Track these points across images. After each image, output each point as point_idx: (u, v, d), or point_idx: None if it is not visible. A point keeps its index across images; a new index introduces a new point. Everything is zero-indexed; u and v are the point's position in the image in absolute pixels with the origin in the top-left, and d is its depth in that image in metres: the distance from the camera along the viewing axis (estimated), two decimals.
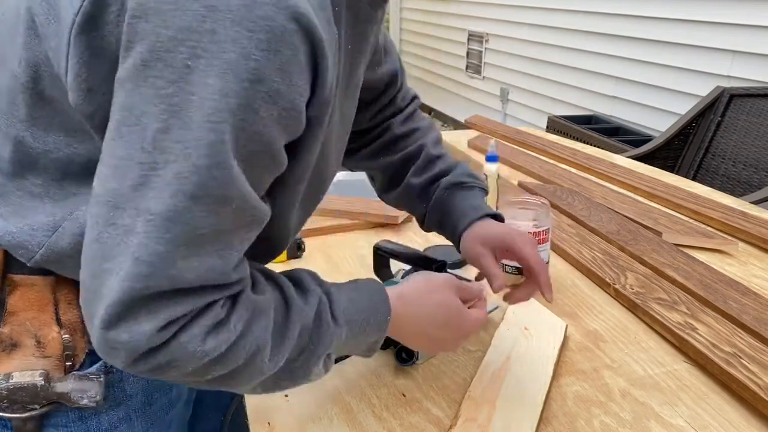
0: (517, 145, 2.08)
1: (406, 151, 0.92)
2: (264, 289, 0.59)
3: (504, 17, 5.00)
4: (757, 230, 1.31)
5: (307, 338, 0.60)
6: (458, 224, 0.87)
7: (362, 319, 0.65)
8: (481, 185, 0.91)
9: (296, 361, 0.60)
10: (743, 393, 0.80)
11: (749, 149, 2.43)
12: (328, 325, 0.61)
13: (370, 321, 0.65)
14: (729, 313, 0.98)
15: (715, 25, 3.03)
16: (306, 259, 1.22)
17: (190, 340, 0.51)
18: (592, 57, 3.96)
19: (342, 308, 0.63)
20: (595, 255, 1.20)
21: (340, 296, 0.64)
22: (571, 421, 0.76)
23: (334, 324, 0.62)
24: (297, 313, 0.59)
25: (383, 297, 0.67)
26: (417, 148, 0.92)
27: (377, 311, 0.66)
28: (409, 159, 0.92)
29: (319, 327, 0.60)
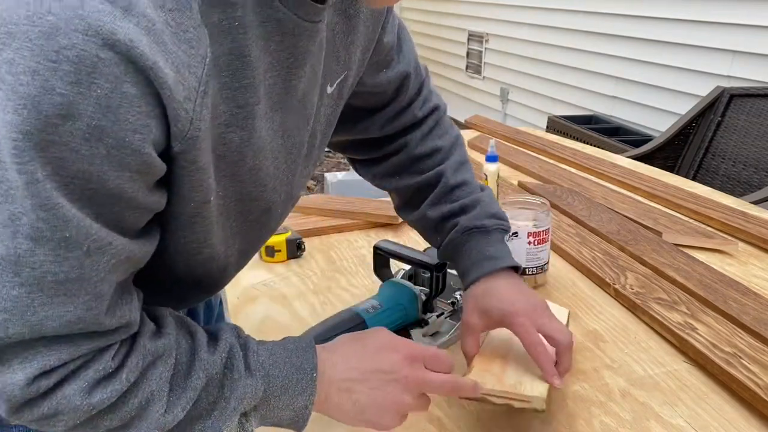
0: (517, 145, 2.08)
1: (424, 176, 0.85)
2: (167, 333, 0.56)
3: (504, 17, 5.00)
4: (757, 230, 1.31)
5: (216, 391, 0.56)
6: (467, 274, 0.81)
7: (283, 375, 0.59)
8: (502, 226, 0.84)
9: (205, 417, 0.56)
10: (743, 393, 0.80)
11: (749, 149, 2.43)
12: (240, 374, 0.57)
13: (293, 379, 0.59)
14: (729, 313, 0.98)
15: (715, 25, 3.03)
16: (306, 259, 1.22)
17: (74, 393, 0.49)
18: (592, 57, 3.96)
19: (260, 360, 0.59)
20: (595, 255, 1.20)
21: (260, 348, 0.60)
22: (571, 421, 0.76)
23: (247, 374, 0.57)
24: (202, 361, 0.56)
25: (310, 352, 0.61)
26: (435, 175, 0.85)
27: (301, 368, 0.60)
28: (427, 186, 0.86)
29: (230, 377, 0.56)
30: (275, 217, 0.67)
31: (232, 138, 0.54)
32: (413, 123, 0.87)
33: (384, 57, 0.80)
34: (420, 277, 0.96)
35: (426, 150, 0.87)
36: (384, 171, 0.89)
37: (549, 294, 1.09)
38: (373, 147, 0.89)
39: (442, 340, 0.91)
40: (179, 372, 0.55)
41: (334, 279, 1.14)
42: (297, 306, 1.05)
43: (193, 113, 0.47)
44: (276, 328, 0.98)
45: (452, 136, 0.90)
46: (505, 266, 0.80)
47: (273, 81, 0.56)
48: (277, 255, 1.20)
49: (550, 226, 1.08)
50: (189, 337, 0.58)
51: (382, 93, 0.83)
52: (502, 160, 1.84)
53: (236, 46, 0.50)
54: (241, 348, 0.59)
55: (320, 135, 0.70)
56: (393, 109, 0.85)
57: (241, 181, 0.58)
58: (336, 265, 1.20)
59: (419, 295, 0.89)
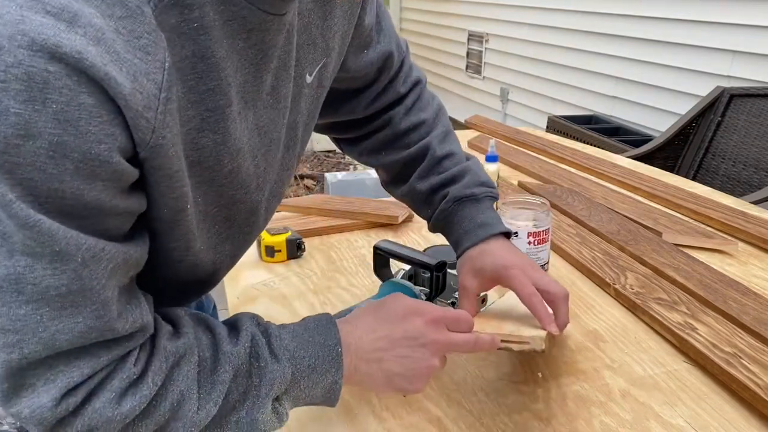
0: (517, 145, 2.08)
1: (410, 150, 0.86)
2: (186, 332, 0.56)
3: (504, 17, 5.00)
4: (757, 230, 1.31)
5: (244, 381, 0.56)
6: (460, 243, 0.82)
7: (309, 355, 0.59)
8: (491, 193, 0.85)
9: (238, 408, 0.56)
10: (743, 393, 0.80)
11: (749, 149, 2.43)
12: (266, 361, 0.57)
13: (318, 357, 0.60)
14: (729, 313, 0.98)
15: (715, 25, 3.03)
16: (306, 259, 1.22)
17: (104, 406, 0.49)
18: (592, 57, 3.96)
19: (284, 344, 0.59)
20: (595, 255, 1.20)
21: (282, 332, 0.60)
22: (571, 421, 0.76)
23: (273, 360, 0.57)
24: (226, 354, 0.56)
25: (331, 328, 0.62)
26: (421, 149, 0.86)
27: (326, 345, 0.60)
28: (414, 159, 0.86)
29: (256, 366, 0.57)
30: (262, 215, 0.66)
31: (205, 143, 0.53)
32: (397, 99, 0.88)
33: (365, 38, 0.79)
34: (420, 277, 0.96)
35: (410, 124, 0.87)
36: (370, 147, 0.89)
37: None
38: (357, 126, 0.89)
39: None
40: (205, 368, 0.55)
41: (334, 279, 1.14)
42: (297, 306, 1.05)
43: (155, 121, 0.46)
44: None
45: (435, 107, 0.90)
46: (498, 232, 0.81)
47: (244, 79, 0.55)
48: (277, 255, 1.20)
49: (550, 226, 1.08)
50: (209, 332, 0.58)
51: (365, 74, 0.83)
52: (502, 160, 1.84)
53: (199, 48, 0.49)
54: (263, 335, 0.59)
55: (303, 126, 0.69)
56: (377, 89, 0.85)
57: (220, 186, 0.57)
58: (336, 265, 1.20)
59: (419, 295, 0.89)
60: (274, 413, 0.58)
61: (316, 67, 0.67)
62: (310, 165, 4.91)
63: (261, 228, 0.69)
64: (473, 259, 0.79)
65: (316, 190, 4.26)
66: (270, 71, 0.59)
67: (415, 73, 0.90)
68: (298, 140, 0.69)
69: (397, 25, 7.55)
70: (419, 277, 0.96)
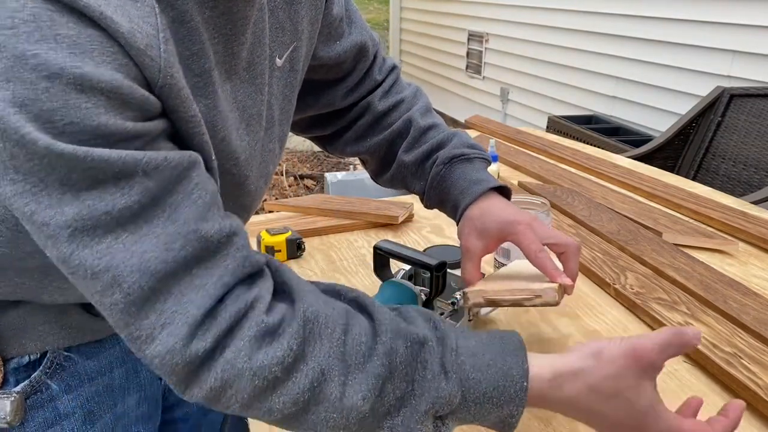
0: (517, 145, 2.08)
1: (393, 127, 0.85)
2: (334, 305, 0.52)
3: (504, 17, 5.00)
4: (757, 230, 1.31)
5: (403, 386, 0.50)
6: (458, 203, 0.78)
7: (486, 380, 0.52)
8: (482, 155, 0.82)
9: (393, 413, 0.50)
10: (743, 393, 0.80)
11: (749, 149, 2.43)
12: (433, 374, 0.51)
13: (498, 387, 0.52)
14: (729, 313, 0.98)
15: (715, 25, 3.03)
16: (306, 259, 1.22)
17: (235, 356, 0.47)
18: (592, 57, 3.96)
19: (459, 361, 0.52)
20: (595, 255, 1.20)
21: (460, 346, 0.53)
22: (571, 421, 0.76)
23: (442, 376, 0.51)
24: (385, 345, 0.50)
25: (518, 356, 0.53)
26: (404, 123, 0.84)
27: (509, 376, 0.52)
28: (398, 135, 0.85)
29: (421, 375, 0.51)
30: (250, 193, 0.64)
31: (200, 108, 0.53)
32: (374, 86, 0.87)
33: (335, 29, 0.79)
34: (420, 277, 0.96)
35: (389, 104, 0.86)
36: (353, 137, 0.88)
37: None
38: (338, 117, 0.88)
39: None
40: (353, 352, 0.50)
41: (334, 279, 1.14)
42: None
43: (161, 60, 0.46)
44: None
45: (412, 88, 0.90)
46: (495, 186, 0.78)
47: (215, 49, 0.55)
48: (277, 255, 1.20)
49: (550, 226, 1.08)
50: (367, 315, 0.53)
51: (340, 65, 0.82)
52: (502, 160, 1.84)
53: (177, 13, 0.49)
54: (438, 343, 0.52)
55: (278, 110, 0.68)
56: (354, 79, 0.85)
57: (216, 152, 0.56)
58: (336, 265, 1.20)
59: (419, 295, 0.88)
60: (435, 429, 0.52)
61: (286, 51, 0.67)
62: (310, 165, 4.91)
63: (248, 209, 0.67)
64: (475, 219, 0.76)
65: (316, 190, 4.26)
66: (244, 45, 0.58)
67: (389, 61, 0.90)
68: (275, 121, 0.68)
69: (397, 25, 7.55)
70: (419, 277, 0.96)
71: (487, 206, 0.76)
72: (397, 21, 7.57)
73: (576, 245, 0.73)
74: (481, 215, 0.76)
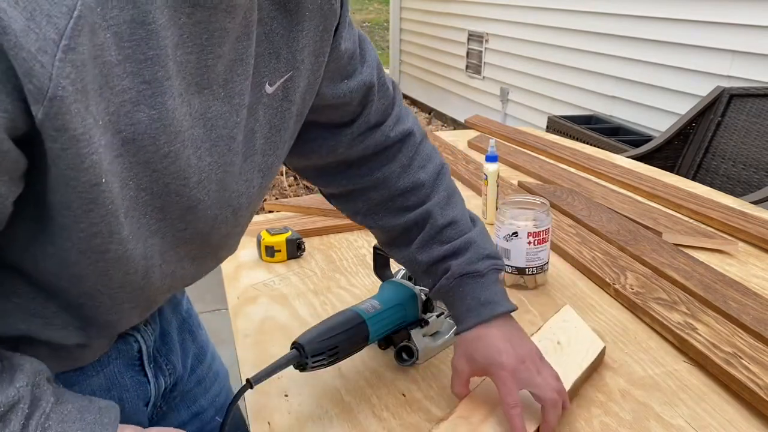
0: (517, 145, 2.08)
1: (409, 217, 0.81)
2: None
3: (504, 17, 5.00)
4: (757, 230, 1.31)
5: None
6: (460, 321, 0.78)
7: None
8: (496, 266, 0.80)
9: None
10: (743, 393, 0.80)
11: (749, 149, 2.43)
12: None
13: None
14: (729, 313, 0.98)
15: (715, 25, 3.03)
16: (306, 259, 1.22)
17: None
18: (592, 57, 3.96)
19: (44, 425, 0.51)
20: (595, 255, 1.20)
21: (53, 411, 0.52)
22: (571, 421, 0.76)
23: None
24: None
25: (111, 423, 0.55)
26: (422, 216, 0.80)
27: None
28: (413, 226, 0.81)
29: None
30: (206, 220, 0.60)
31: (141, 118, 0.49)
32: (386, 146, 0.81)
33: (345, 65, 0.74)
34: None
35: (408, 184, 0.81)
36: (365, 208, 0.84)
37: (549, 294, 1.09)
38: (347, 177, 0.83)
39: (441, 339, 0.91)
40: None
41: (334, 279, 1.14)
42: (297, 306, 1.05)
43: (53, 68, 0.41)
44: (276, 328, 0.98)
45: (436, 165, 0.84)
46: (501, 312, 0.77)
47: (185, 58, 0.52)
48: (277, 255, 1.20)
49: (550, 226, 1.08)
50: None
51: (344, 106, 0.77)
52: (502, 160, 1.84)
53: (138, 13, 0.46)
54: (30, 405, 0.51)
55: (263, 139, 0.65)
56: (360, 126, 0.79)
57: (156, 170, 0.52)
58: (336, 265, 1.20)
59: (419, 295, 0.88)
60: None
61: (279, 78, 0.64)
62: None
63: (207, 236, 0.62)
64: (468, 343, 0.76)
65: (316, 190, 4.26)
66: (221, 59, 0.55)
67: (409, 122, 0.84)
68: (257, 150, 0.64)
69: (397, 25, 7.55)
70: None
71: (483, 334, 0.75)
72: (397, 21, 7.56)
73: (553, 400, 0.72)
74: (473, 340, 0.76)
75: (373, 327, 0.81)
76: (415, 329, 0.88)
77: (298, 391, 0.82)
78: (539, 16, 4.48)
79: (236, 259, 1.22)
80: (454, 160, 1.85)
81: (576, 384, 0.80)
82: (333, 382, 0.84)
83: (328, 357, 0.75)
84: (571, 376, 0.80)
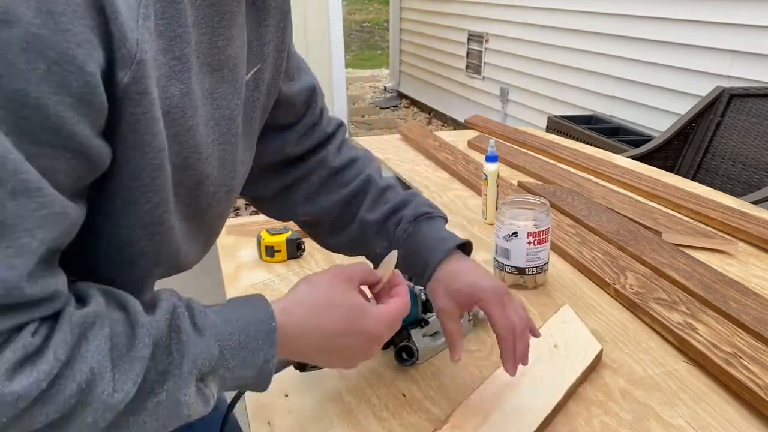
0: (517, 145, 2.08)
1: (351, 186, 0.84)
2: (95, 302, 0.49)
3: (504, 17, 5.00)
4: (757, 230, 1.31)
5: (164, 358, 0.49)
6: (429, 261, 0.79)
7: (238, 330, 0.54)
8: (442, 214, 0.84)
9: (157, 390, 0.49)
10: (743, 393, 0.80)
11: (749, 149, 2.43)
12: (188, 335, 0.51)
13: (250, 332, 0.55)
14: (729, 313, 0.98)
15: (715, 25, 3.03)
16: (306, 258, 1.22)
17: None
18: (592, 57, 3.96)
19: (209, 319, 0.53)
20: (595, 255, 1.20)
21: (206, 308, 0.55)
22: (571, 421, 0.76)
23: (197, 334, 0.52)
24: (144, 326, 0.49)
25: (263, 303, 0.57)
26: (363, 182, 0.84)
27: (257, 320, 0.56)
28: (356, 195, 0.84)
29: (178, 340, 0.50)
30: (208, 196, 0.60)
31: (173, 92, 0.51)
32: (324, 139, 0.86)
33: (292, 67, 0.79)
34: None
35: (344, 160, 0.85)
36: (306, 194, 0.85)
37: (549, 294, 1.09)
38: (292, 166, 0.85)
39: (441, 339, 0.91)
40: (119, 344, 0.47)
41: None
42: None
43: (138, 33, 0.44)
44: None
45: (363, 149, 0.91)
46: (460, 243, 0.80)
47: (200, 39, 0.54)
48: (277, 255, 1.20)
49: (550, 226, 1.08)
50: (121, 306, 0.51)
51: (291, 106, 0.81)
52: (502, 160, 1.84)
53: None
54: (186, 308, 0.53)
55: (242, 124, 0.66)
56: (305, 124, 0.83)
57: (180, 143, 0.53)
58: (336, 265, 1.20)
59: (419, 295, 0.88)
60: (200, 395, 0.52)
61: (252, 69, 0.67)
62: None
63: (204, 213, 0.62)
64: (445, 281, 0.78)
65: None
66: (229, 42, 0.57)
67: (335, 117, 0.90)
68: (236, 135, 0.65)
69: (397, 25, 7.55)
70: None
71: (456, 269, 0.78)
72: (397, 21, 7.56)
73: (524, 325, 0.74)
74: (450, 277, 0.77)
75: None
76: (414, 329, 0.88)
77: (298, 391, 0.82)
78: (539, 16, 4.47)
79: (236, 259, 1.22)
80: (454, 160, 1.85)
81: (571, 389, 0.80)
82: (333, 382, 0.84)
83: None
84: (567, 380, 0.80)
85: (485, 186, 1.39)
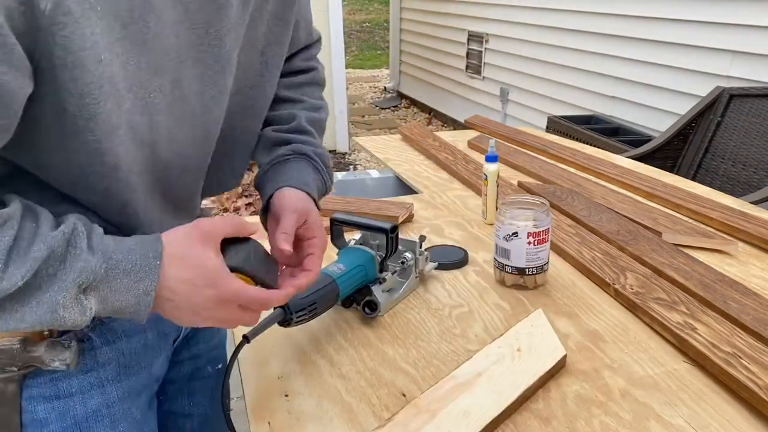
0: (517, 145, 2.08)
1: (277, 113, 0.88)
2: (13, 207, 0.57)
3: (504, 17, 5.00)
4: (757, 230, 1.31)
5: (56, 264, 0.56)
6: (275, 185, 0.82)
7: (126, 258, 0.59)
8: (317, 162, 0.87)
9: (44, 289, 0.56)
10: (743, 393, 0.80)
11: (749, 149, 2.43)
12: (81, 250, 0.57)
13: (136, 263, 0.60)
14: (729, 313, 0.98)
15: (715, 25, 3.03)
16: None
17: None
18: (592, 57, 3.97)
19: (104, 242, 0.59)
20: (595, 255, 1.20)
21: (106, 235, 0.61)
22: (571, 421, 0.77)
23: (89, 252, 0.58)
24: (44, 236, 0.56)
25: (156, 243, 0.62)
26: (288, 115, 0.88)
27: (145, 254, 0.60)
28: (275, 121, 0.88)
29: (72, 254, 0.57)
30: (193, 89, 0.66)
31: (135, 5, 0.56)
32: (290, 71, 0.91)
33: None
34: (368, 244, 1.04)
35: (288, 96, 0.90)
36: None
37: (549, 294, 1.09)
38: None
39: (396, 295, 1.04)
40: (20, 245, 0.55)
41: None
42: None
43: None
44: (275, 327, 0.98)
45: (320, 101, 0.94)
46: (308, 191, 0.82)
47: None
48: None
49: (550, 226, 1.08)
50: (33, 219, 0.58)
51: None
52: (502, 160, 1.84)
53: None
54: (85, 228, 0.59)
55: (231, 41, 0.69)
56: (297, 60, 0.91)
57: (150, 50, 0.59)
58: None
59: (376, 257, 1.00)
60: (77, 303, 0.58)
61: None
62: None
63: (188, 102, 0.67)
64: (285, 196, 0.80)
65: None
66: None
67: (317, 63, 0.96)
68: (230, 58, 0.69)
69: (397, 25, 7.55)
70: (367, 245, 1.04)
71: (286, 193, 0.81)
72: (397, 21, 7.56)
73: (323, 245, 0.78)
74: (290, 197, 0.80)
75: (342, 285, 0.92)
76: (374, 286, 0.99)
77: (298, 391, 0.82)
78: (539, 16, 4.48)
79: None
80: (454, 160, 1.85)
81: (526, 393, 0.80)
82: (333, 382, 0.84)
83: (308, 312, 0.84)
84: (523, 384, 0.80)
85: (485, 186, 1.39)
